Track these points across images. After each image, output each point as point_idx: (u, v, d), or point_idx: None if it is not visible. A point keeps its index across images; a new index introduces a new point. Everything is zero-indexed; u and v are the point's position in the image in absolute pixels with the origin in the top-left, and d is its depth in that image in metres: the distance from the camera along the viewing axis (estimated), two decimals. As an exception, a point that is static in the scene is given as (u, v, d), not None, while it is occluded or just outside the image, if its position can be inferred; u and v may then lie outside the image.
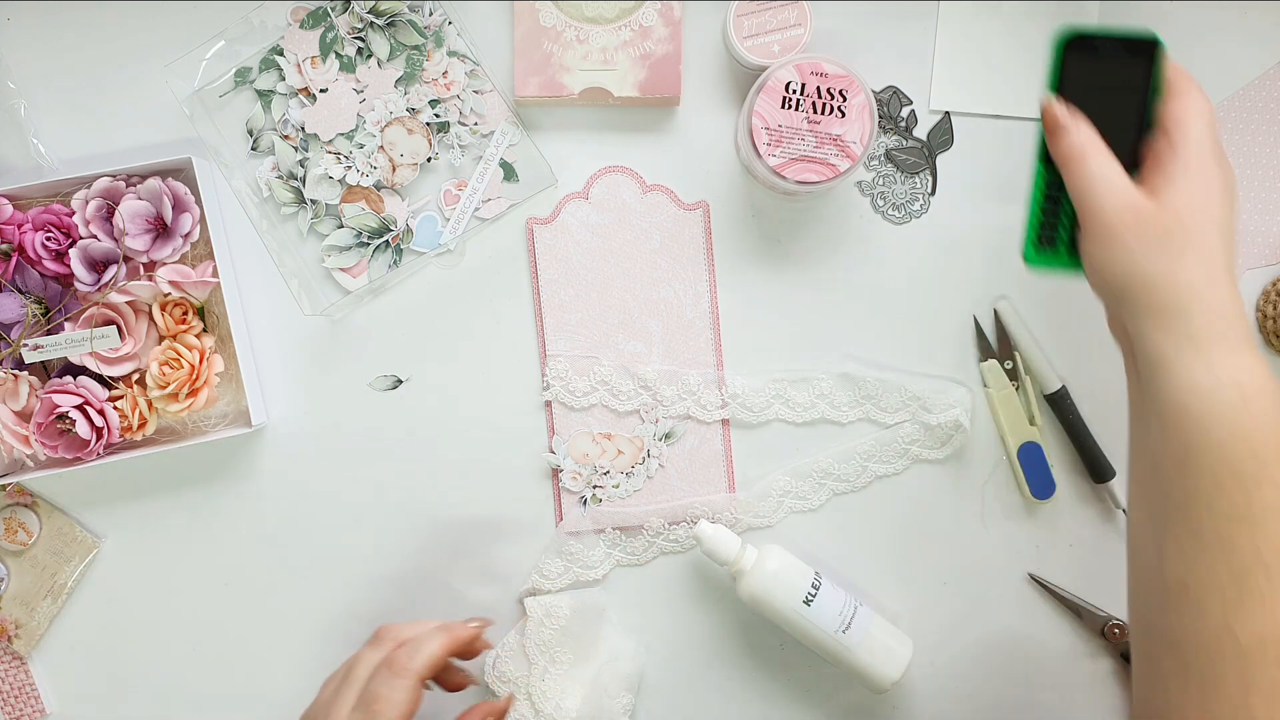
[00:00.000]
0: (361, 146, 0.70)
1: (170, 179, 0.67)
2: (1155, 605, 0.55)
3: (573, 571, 0.72)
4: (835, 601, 0.67)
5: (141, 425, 0.68)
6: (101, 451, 0.67)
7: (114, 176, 0.67)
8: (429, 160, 0.70)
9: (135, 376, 0.68)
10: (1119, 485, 0.71)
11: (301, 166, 0.70)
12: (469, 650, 0.64)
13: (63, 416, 0.66)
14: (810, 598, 0.67)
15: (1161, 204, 0.54)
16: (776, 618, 0.68)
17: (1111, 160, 0.56)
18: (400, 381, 0.72)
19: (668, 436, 0.72)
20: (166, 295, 0.67)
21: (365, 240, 0.70)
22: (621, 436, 0.72)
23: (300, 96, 0.70)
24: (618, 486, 0.72)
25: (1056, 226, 0.59)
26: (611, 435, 0.72)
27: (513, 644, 0.71)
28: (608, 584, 0.73)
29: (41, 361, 0.68)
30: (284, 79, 0.70)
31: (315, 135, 0.70)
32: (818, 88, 0.64)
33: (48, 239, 0.66)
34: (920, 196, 0.72)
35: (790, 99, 0.64)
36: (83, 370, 0.67)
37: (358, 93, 0.70)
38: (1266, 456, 0.51)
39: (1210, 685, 0.52)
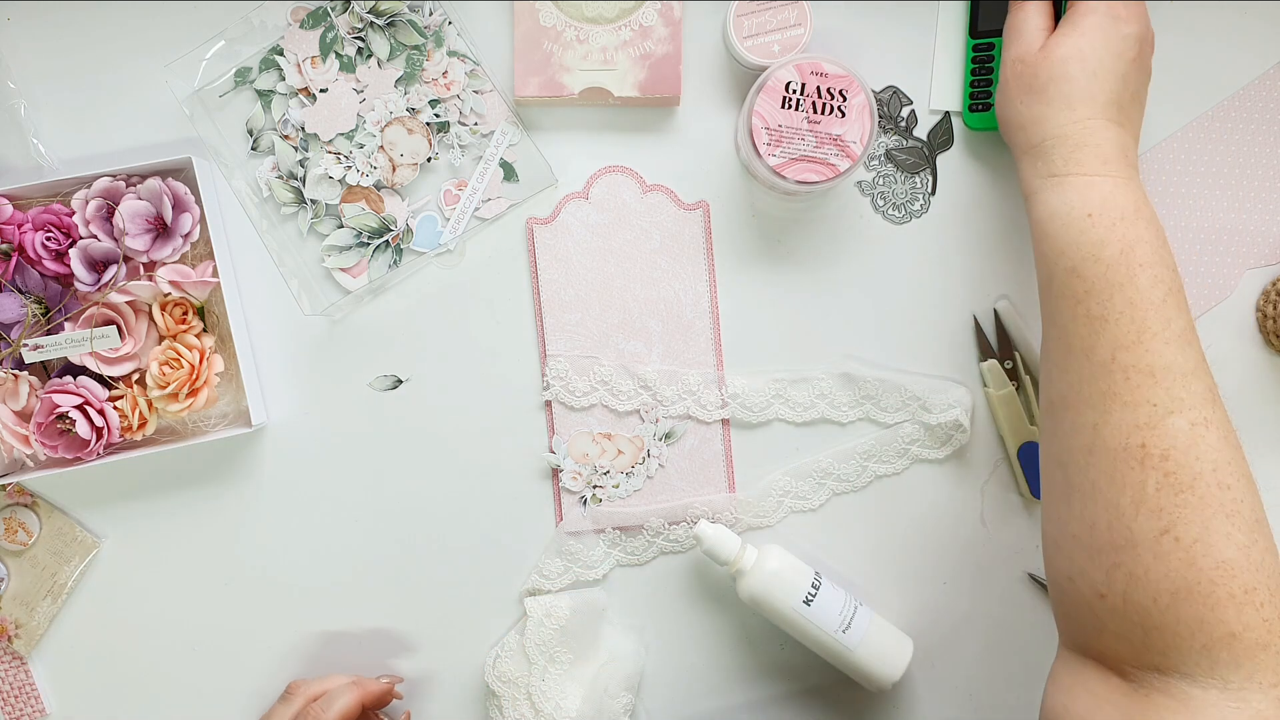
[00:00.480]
0: (361, 146, 0.70)
1: (170, 179, 0.67)
2: (1047, 429, 0.60)
3: (573, 571, 0.72)
4: (835, 601, 0.67)
5: (141, 425, 0.68)
6: (101, 451, 0.67)
7: (114, 176, 0.67)
8: (429, 160, 0.70)
9: (135, 376, 0.68)
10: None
11: (301, 166, 0.70)
12: (380, 702, 0.69)
13: (63, 416, 0.66)
14: (810, 598, 0.67)
15: (1043, 54, 0.61)
16: (776, 618, 0.68)
17: (1036, 16, 0.63)
18: (400, 381, 0.72)
19: (668, 436, 0.72)
20: (166, 295, 0.67)
21: (365, 240, 0.70)
22: (621, 436, 0.72)
23: (300, 96, 0.70)
24: (618, 486, 0.72)
25: (989, 94, 0.70)
26: (611, 435, 0.72)
27: (513, 644, 0.71)
28: (608, 584, 0.73)
29: (41, 361, 0.68)
30: (284, 79, 0.70)
31: (315, 135, 0.70)
32: (818, 88, 0.64)
33: (48, 239, 0.66)
34: (920, 196, 0.72)
35: (790, 99, 0.64)
36: (83, 370, 0.67)
37: (358, 93, 0.69)
38: (1115, 268, 0.56)
39: (1086, 492, 0.56)
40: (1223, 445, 0.54)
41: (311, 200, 0.70)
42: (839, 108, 0.65)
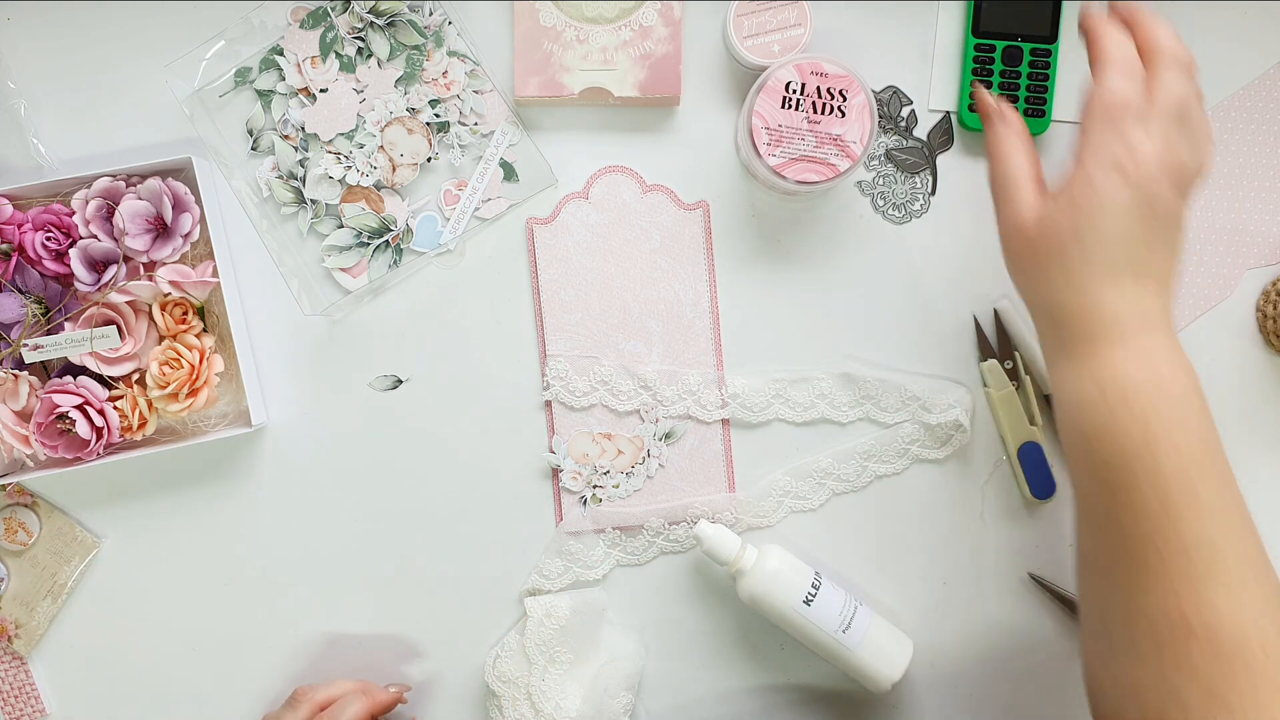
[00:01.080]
0: (361, 146, 0.70)
1: (170, 179, 0.67)
2: (1083, 578, 0.59)
3: (573, 571, 0.72)
4: (835, 601, 0.67)
5: (141, 425, 0.68)
6: (101, 451, 0.67)
7: (114, 176, 0.67)
8: (429, 160, 0.70)
9: (135, 376, 0.68)
10: (1119, 485, 0.71)
11: (301, 166, 0.70)
12: (387, 710, 0.69)
13: (63, 416, 0.66)
14: (810, 597, 0.67)
15: (1038, 227, 0.57)
16: (776, 618, 0.68)
17: (1022, 163, 0.59)
18: (400, 381, 0.72)
19: (668, 436, 0.72)
20: (166, 295, 0.67)
21: (365, 240, 0.70)
22: (621, 436, 0.72)
23: (300, 96, 0.70)
24: (618, 486, 0.72)
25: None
26: (611, 435, 0.72)
27: (513, 644, 0.71)
28: (608, 584, 0.73)
29: (41, 361, 0.68)
30: (284, 79, 0.70)
31: (315, 135, 0.70)
32: (818, 88, 0.64)
33: (48, 239, 0.66)
34: (920, 196, 0.72)
35: (790, 99, 0.64)
36: (83, 370, 0.67)
37: (358, 93, 0.70)
38: (1133, 446, 0.54)
39: (1130, 656, 0.55)
40: (1264, 608, 0.52)
41: (311, 200, 0.70)
42: (839, 108, 0.65)
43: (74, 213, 0.67)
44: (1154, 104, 0.55)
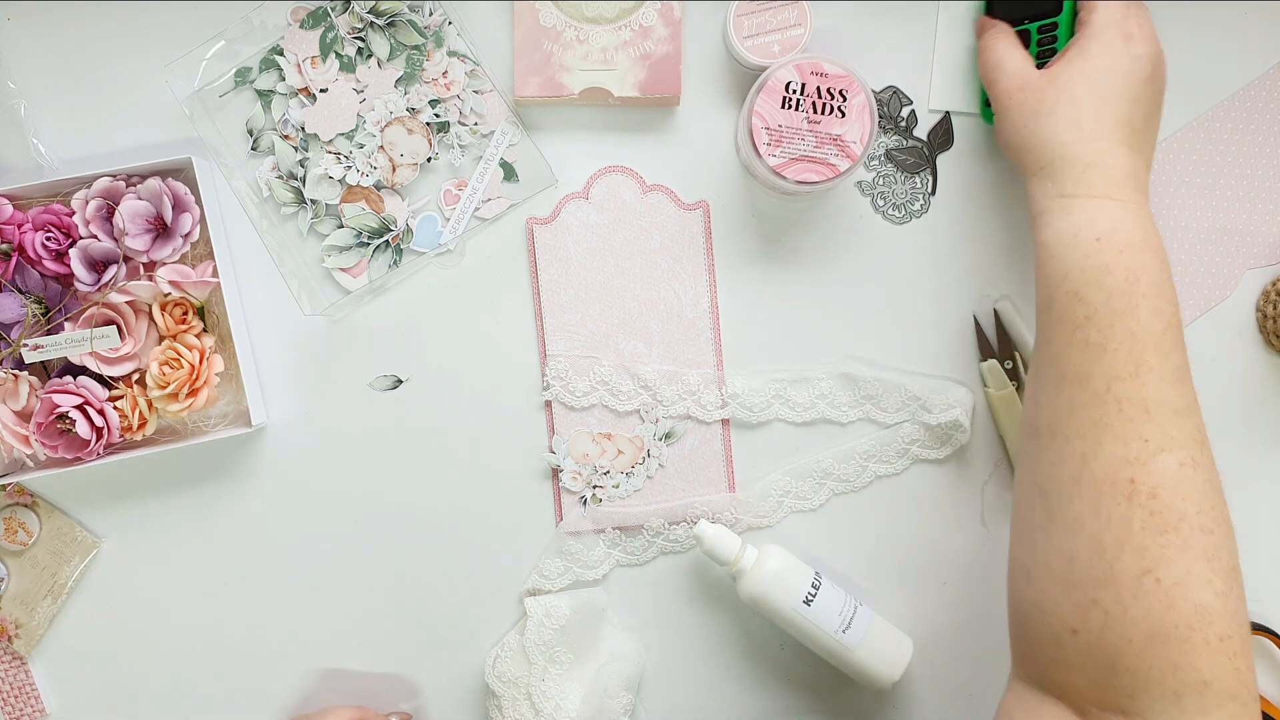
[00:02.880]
0: (361, 146, 0.70)
1: (170, 179, 0.67)
2: (1029, 454, 0.59)
3: (573, 571, 0.72)
4: (835, 601, 0.67)
5: (141, 425, 0.68)
6: (101, 451, 0.67)
7: (114, 176, 0.67)
8: (429, 160, 0.70)
9: (135, 376, 0.68)
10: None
11: (301, 166, 0.70)
12: None
13: (63, 416, 0.66)
14: (810, 597, 0.67)
15: (1046, 77, 0.60)
16: (776, 618, 0.68)
17: (1014, 47, 0.63)
18: (400, 381, 0.72)
19: (668, 436, 0.72)
20: (166, 295, 0.67)
21: (365, 240, 0.70)
22: (621, 436, 0.72)
23: (300, 96, 0.70)
24: (618, 486, 0.72)
25: None
26: (611, 435, 0.72)
27: (513, 644, 0.71)
28: (608, 584, 0.73)
29: (41, 361, 0.68)
30: (284, 79, 0.70)
31: (315, 135, 0.70)
32: (818, 88, 0.64)
33: (48, 239, 0.66)
34: (920, 196, 0.72)
35: (790, 99, 0.64)
36: (83, 370, 0.67)
37: (358, 93, 0.69)
38: (1118, 296, 0.55)
39: (1069, 525, 0.54)
40: (1208, 489, 0.53)
41: (311, 200, 0.70)
42: (839, 108, 0.64)
43: (74, 213, 0.67)
44: (1141, 5, 0.61)
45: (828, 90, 0.64)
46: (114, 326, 0.67)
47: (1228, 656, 0.50)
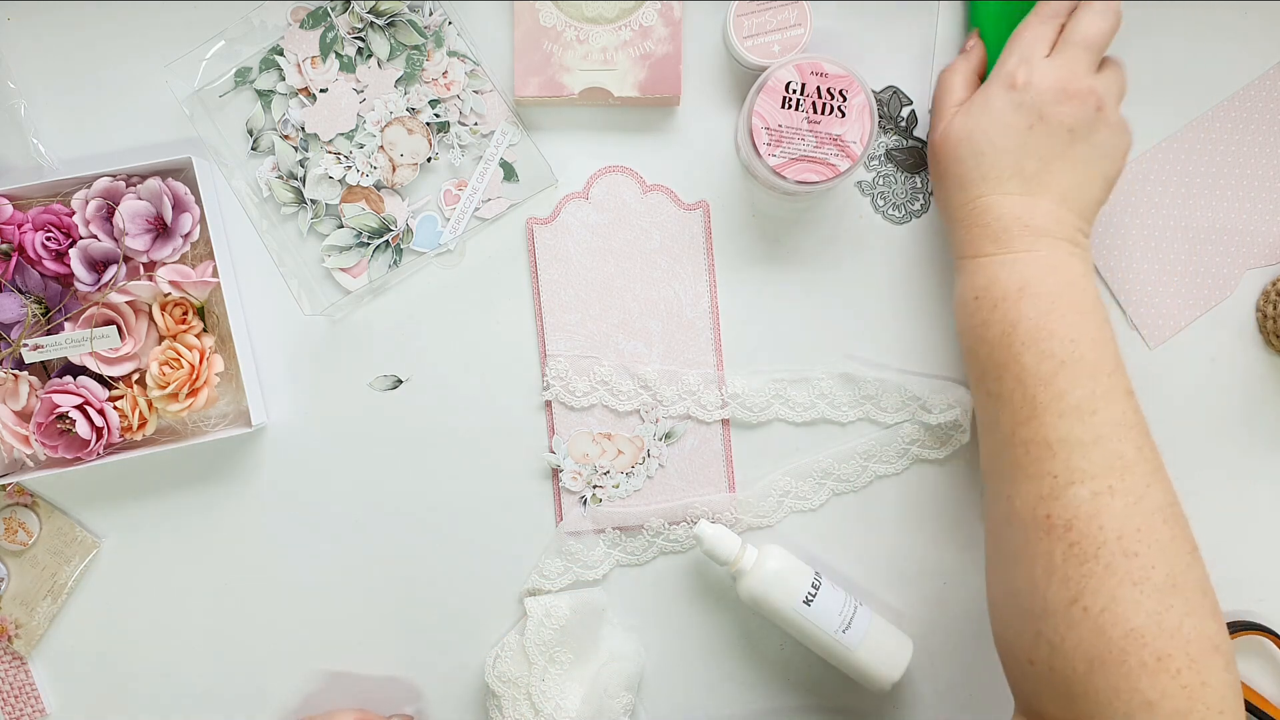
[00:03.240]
0: (361, 146, 0.70)
1: (170, 179, 0.67)
2: (983, 493, 0.62)
3: (573, 571, 0.72)
4: (835, 601, 0.67)
5: (141, 425, 0.68)
6: (101, 451, 0.67)
7: (114, 176, 0.67)
8: (429, 160, 0.70)
9: (135, 376, 0.68)
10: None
11: (301, 166, 0.70)
12: None
13: (63, 416, 0.66)
14: (810, 598, 0.67)
15: (941, 136, 0.63)
16: (776, 618, 0.68)
17: (953, 89, 0.65)
18: (400, 381, 0.72)
19: (668, 436, 0.72)
20: (166, 295, 0.67)
21: (365, 240, 0.70)
22: (621, 436, 0.72)
23: (300, 96, 0.70)
24: (618, 486, 0.72)
25: None
26: (611, 435, 0.72)
27: (513, 644, 0.71)
28: (608, 584, 0.73)
29: (41, 361, 0.68)
30: (284, 79, 0.70)
31: (315, 135, 0.70)
32: (818, 88, 0.64)
33: (48, 239, 0.66)
34: (920, 196, 0.72)
35: (790, 99, 0.64)
36: (83, 370, 0.67)
37: (358, 93, 0.70)
38: (999, 348, 0.57)
39: (1008, 560, 0.57)
40: (1130, 512, 0.53)
41: (311, 200, 0.70)
42: (839, 108, 0.64)
43: (74, 213, 0.67)
44: (1065, 33, 0.61)
45: (828, 90, 0.64)
46: (114, 326, 0.67)
47: (1170, 675, 0.50)
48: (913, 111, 0.71)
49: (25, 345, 0.66)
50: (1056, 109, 0.59)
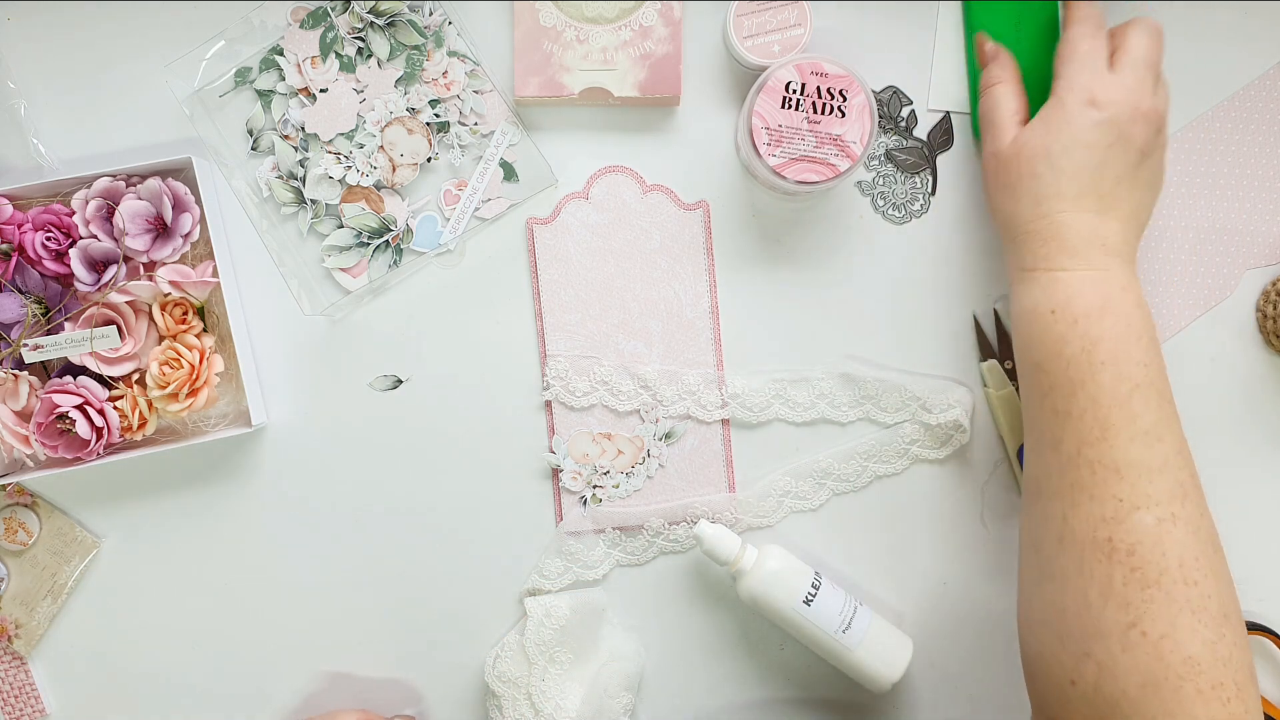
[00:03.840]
0: (361, 146, 0.70)
1: (170, 179, 0.67)
2: (1025, 509, 0.61)
3: (573, 571, 0.72)
4: (835, 601, 0.67)
5: (141, 425, 0.68)
6: (101, 451, 0.67)
7: (114, 176, 0.67)
8: (429, 160, 0.70)
9: (135, 376, 0.68)
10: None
11: (301, 166, 0.70)
12: None
13: (63, 416, 0.66)
14: (810, 597, 0.67)
15: (1014, 147, 0.61)
16: (776, 617, 0.68)
17: (1009, 96, 0.63)
18: (400, 381, 0.72)
19: (668, 436, 0.72)
20: (166, 295, 0.67)
21: (365, 240, 0.70)
22: (621, 436, 0.72)
23: (300, 96, 0.70)
24: (618, 486, 0.72)
25: None
26: (611, 435, 0.72)
27: (512, 644, 0.71)
28: (608, 584, 0.73)
29: (41, 361, 0.68)
30: (284, 79, 0.70)
31: (315, 135, 0.70)
32: (818, 88, 0.64)
33: (48, 239, 0.66)
34: (920, 196, 0.72)
35: (790, 99, 0.64)
36: (83, 370, 0.67)
37: (358, 93, 0.70)
38: (1076, 365, 0.57)
39: (1058, 580, 0.56)
40: (1190, 540, 0.54)
41: (311, 200, 0.70)
42: (839, 108, 0.65)
43: (74, 213, 0.67)
44: (1124, 51, 0.60)
45: (828, 90, 0.64)
46: (114, 326, 0.67)
47: (1221, 703, 0.51)
48: (913, 111, 0.71)
49: (25, 345, 0.66)
50: (1132, 128, 0.59)
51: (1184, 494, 0.55)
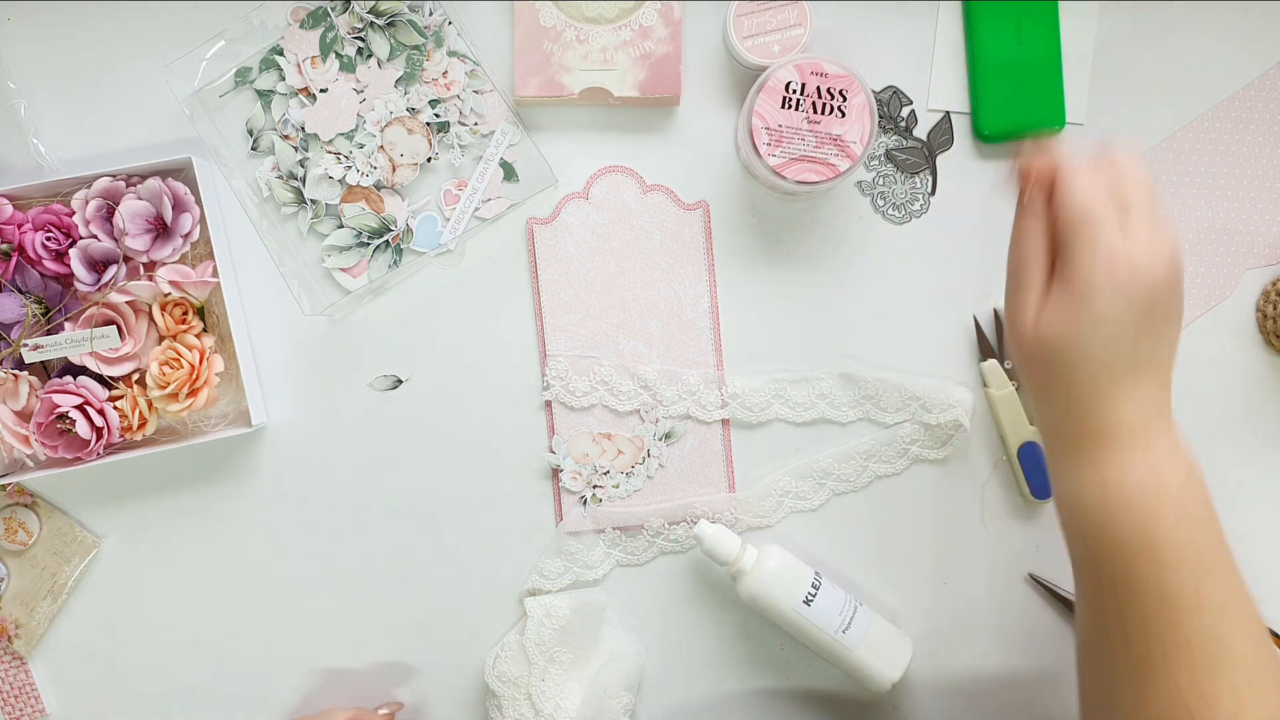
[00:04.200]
0: (361, 146, 0.70)
1: (170, 179, 0.67)
2: (1083, 660, 0.58)
3: (573, 571, 0.72)
4: (835, 601, 0.67)
5: (141, 425, 0.68)
6: (101, 451, 0.67)
7: (114, 176, 0.67)
8: (429, 160, 0.70)
9: (135, 376, 0.68)
10: (1119, 485, 0.71)
11: (301, 166, 0.70)
12: None
13: (63, 416, 0.66)
14: (810, 597, 0.67)
15: (1035, 333, 0.55)
16: (776, 617, 0.68)
17: (1036, 263, 0.56)
18: (400, 381, 0.72)
19: (668, 436, 0.72)
20: (166, 295, 0.67)
21: (365, 240, 0.70)
22: (621, 436, 0.72)
23: (300, 96, 0.70)
24: (618, 486, 0.72)
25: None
26: (611, 435, 0.72)
27: (513, 644, 0.71)
28: (607, 584, 0.73)
29: (41, 361, 0.68)
30: (284, 79, 0.70)
31: (315, 135, 0.70)
32: (818, 88, 0.64)
33: (48, 239, 0.66)
34: (920, 196, 0.72)
35: (790, 99, 0.64)
36: (83, 370, 0.67)
37: (358, 93, 0.69)
38: (1132, 551, 0.53)
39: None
40: (1274, 707, 0.52)
41: (311, 200, 0.70)
42: (839, 108, 0.64)
43: (74, 213, 0.67)
44: (1128, 208, 0.53)
45: (828, 90, 0.64)
46: (114, 326, 0.67)
47: None
48: (912, 111, 0.71)
49: (25, 345, 0.66)
50: (1163, 292, 0.53)
51: (1258, 659, 0.53)
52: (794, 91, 0.64)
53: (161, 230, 0.67)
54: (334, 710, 0.70)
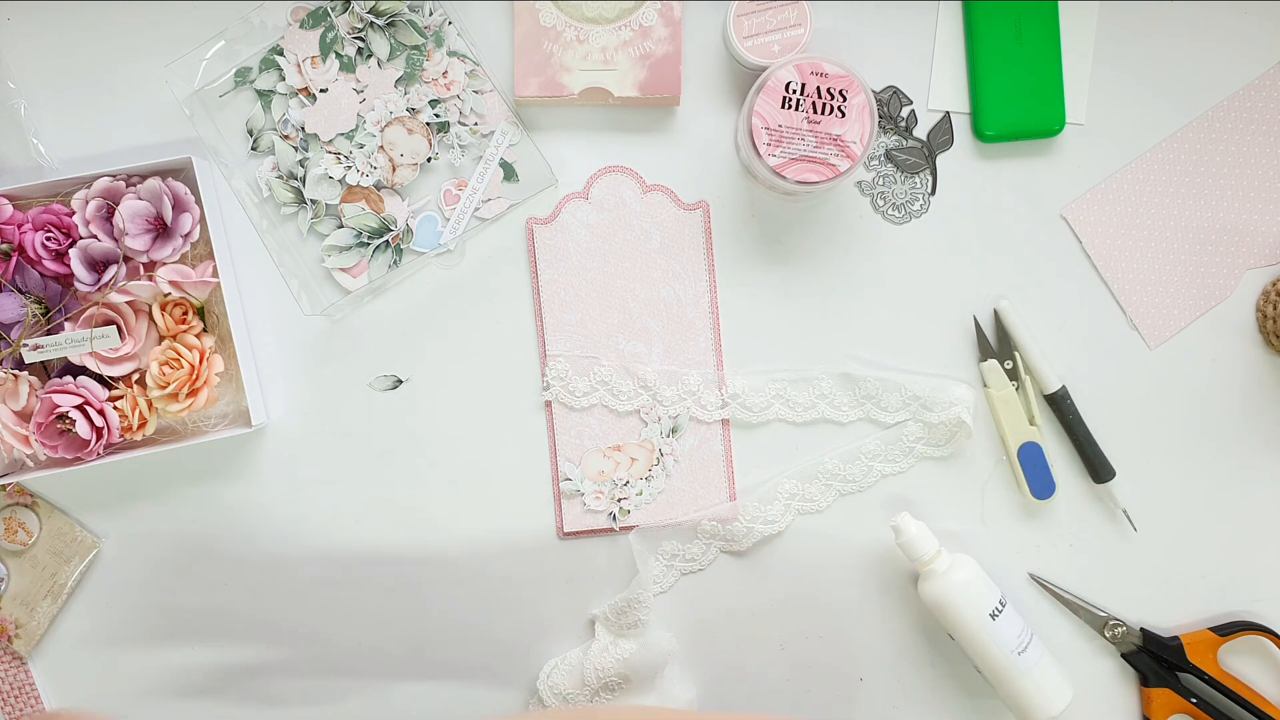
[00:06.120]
0: (361, 146, 0.69)
1: (170, 179, 0.67)
2: None
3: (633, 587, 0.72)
4: (1016, 624, 0.68)
5: (141, 425, 0.67)
6: (101, 451, 0.67)
7: (114, 176, 0.67)
8: (429, 160, 0.70)
9: (135, 376, 0.68)
10: (1118, 486, 0.71)
11: (301, 166, 0.70)
12: None
13: (63, 416, 0.66)
14: (997, 613, 0.67)
15: None
16: (958, 625, 0.68)
17: None
18: (400, 381, 0.72)
19: (674, 431, 0.72)
20: (166, 295, 0.67)
21: (365, 240, 0.70)
22: (630, 444, 0.72)
23: (300, 96, 0.70)
24: (640, 494, 0.72)
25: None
26: (620, 446, 0.72)
27: (573, 660, 0.71)
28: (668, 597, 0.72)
29: (41, 361, 0.68)
30: (284, 79, 0.70)
31: (315, 135, 0.70)
32: (818, 88, 0.64)
33: (48, 239, 0.66)
34: (920, 196, 0.72)
35: (790, 99, 0.64)
36: (83, 370, 0.67)
37: (358, 93, 0.69)
38: None
39: None
40: None
41: (311, 200, 0.70)
42: (839, 108, 0.64)
43: (74, 213, 0.67)
44: None
45: (828, 90, 0.64)
46: (114, 326, 0.67)
47: None
48: (913, 111, 0.71)
49: (25, 345, 0.66)
50: None
51: None
52: (794, 91, 0.64)
53: (161, 230, 0.67)
54: None
